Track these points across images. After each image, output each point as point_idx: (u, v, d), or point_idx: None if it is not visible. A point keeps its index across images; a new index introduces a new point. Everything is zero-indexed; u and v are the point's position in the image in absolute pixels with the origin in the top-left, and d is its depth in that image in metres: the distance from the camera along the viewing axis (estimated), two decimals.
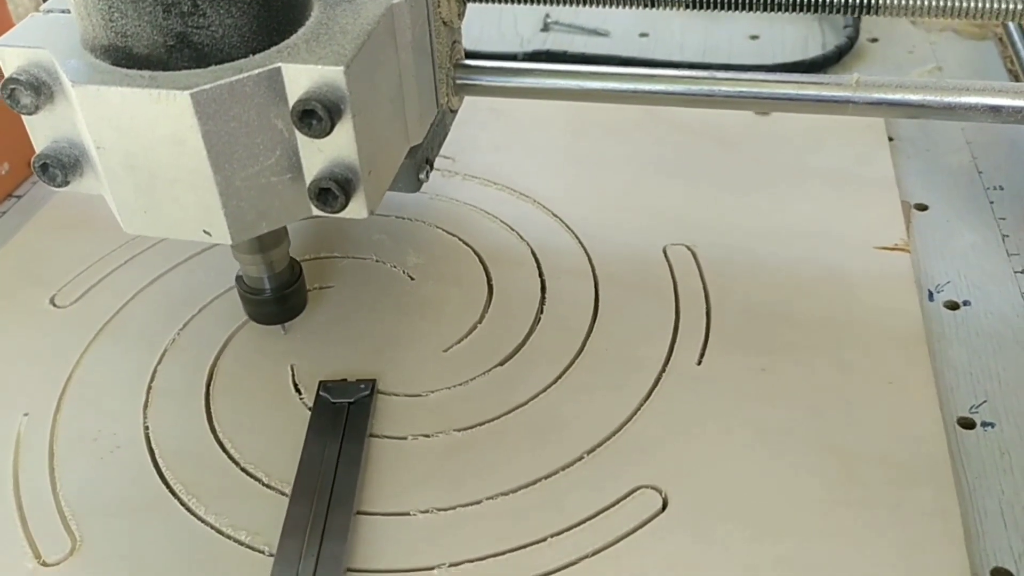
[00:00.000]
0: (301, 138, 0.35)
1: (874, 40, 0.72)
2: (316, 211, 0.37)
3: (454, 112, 0.48)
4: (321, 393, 0.42)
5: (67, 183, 0.37)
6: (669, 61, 0.68)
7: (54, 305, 0.49)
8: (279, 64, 0.34)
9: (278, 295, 0.45)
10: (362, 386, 0.42)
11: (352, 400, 0.42)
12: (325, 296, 0.49)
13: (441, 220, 0.53)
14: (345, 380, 0.43)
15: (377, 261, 0.51)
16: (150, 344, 0.46)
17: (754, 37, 0.73)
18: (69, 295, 0.50)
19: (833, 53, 0.67)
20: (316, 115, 0.33)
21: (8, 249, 0.54)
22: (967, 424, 0.42)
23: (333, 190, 0.35)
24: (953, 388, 0.43)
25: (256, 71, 0.33)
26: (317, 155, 0.35)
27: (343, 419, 0.41)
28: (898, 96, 0.43)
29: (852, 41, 0.69)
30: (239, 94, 0.33)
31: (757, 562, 0.35)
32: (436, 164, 0.47)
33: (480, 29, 0.75)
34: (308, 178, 0.36)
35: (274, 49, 0.35)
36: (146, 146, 0.34)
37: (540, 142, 0.60)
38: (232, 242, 0.37)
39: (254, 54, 0.34)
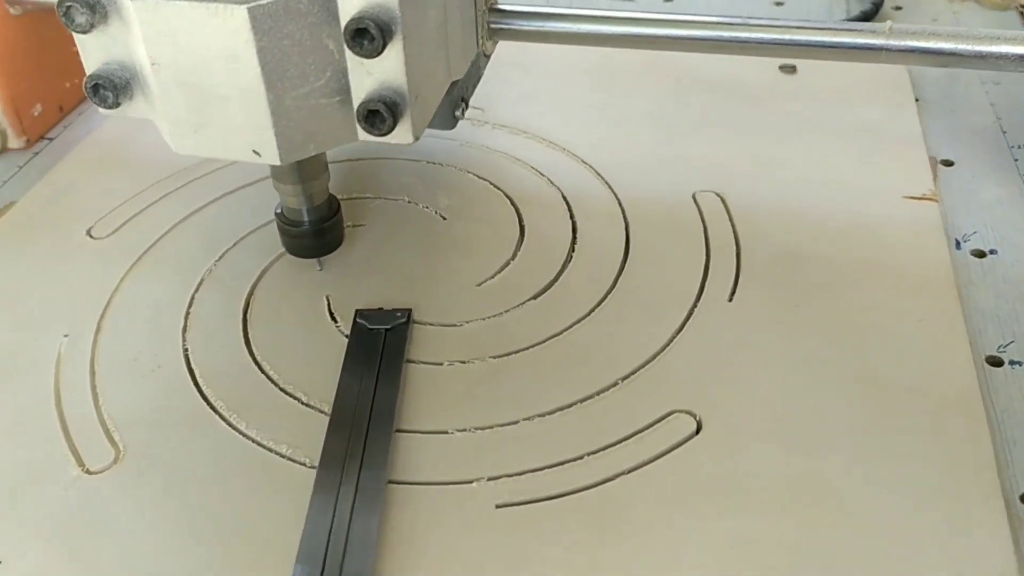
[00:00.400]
0: (351, 60, 0.35)
1: (898, 8, 0.73)
2: (363, 135, 0.37)
3: (487, 56, 0.49)
4: (358, 320, 0.43)
5: (117, 104, 0.37)
6: None
7: (91, 236, 0.50)
8: None
9: (316, 228, 0.45)
10: (398, 314, 0.43)
11: (389, 327, 0.42)
12: (358, 233, 0.49)
13: (472, 165, 0.54)
14: (381, 308, 0.43)
15: (409, 202, 0.51)
16: (187, 273, 0.47)
17: (779, 3, 0.74)
18: (105, 228, 0.50)
19: (859, 18, 0.67)
20: (369, 34, 0.34)
21: (42, 185, 0.54)
22: (995, 362, 0.42)
23: (382, 112, 0.36)
24: (981, 330, 0.44)
25: None
26: (366, 78, 0.36)
27: (380, 346, 0.41)
28: (931, 44, 0.43)
29: (877, 7, 0.69)
30: (294, 11, 0.34)
31: (792, 480, 0.36)
32: (467, 113, 0.48)
33: None
34: (356, 101, 0.36)
35: None
36: (201, 63, 0.35)
37: (568, 94, 0.60)
38: (281, 163, 0.37)
39: None
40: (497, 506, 0.36)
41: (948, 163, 0.55)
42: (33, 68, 0.58)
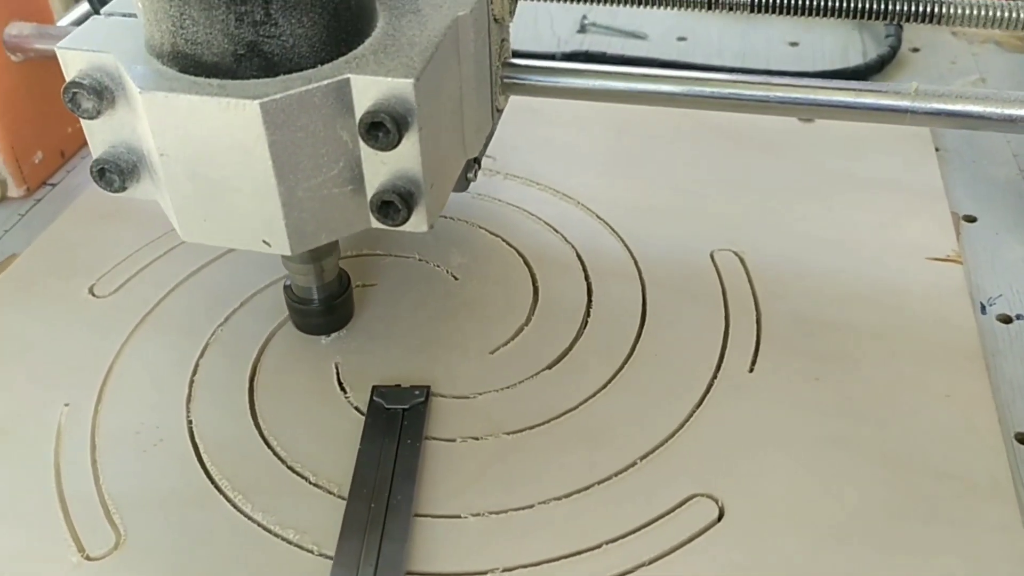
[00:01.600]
0: (365, 150, 0.35)
1: (915, 50, 0.71)
2: (376, 223, 0.36)
3: (500, 112, 0.47)
4: (375, 398, 0.41)
5: (124, 189, 0.37)
6: (709, 65, 0.68)
7: (93, 295, 0.48)
8: (348, 75, 0.33)
9: (326, 306, 0.44)
10: (416, 392, 0.41)
11: (407, 407, 0.41)
12: (368, 294, 0.48)
13: (483, 219, 0.53)
14: (399, 386, 0.42)
15: (420, 260, 0.50)
16: (191, 337, 0.45)
17: (793, 44, 0.72)
18: (108, 285, 0.49)
19: (876, 62, 0.66)
20: (384, 127, 0.33)
21: (45, 237, 0.53)
22: None
23: (396, 203, 0.35)
24: (1009, 403, 0.42)
25: (325, 82, 0.33)
26: (380, 167, 0.35)
27: (398, 424, 0.40)
28: (958, 107, 0.42)
29: (894, 50, 0.68)
30: (307, 104, 0.33)
31: (819, 573, 0.35)
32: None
33: (516, 29, 0.74)
34: (370, 191, 0.36)
35: (342, 60, 0.34)
36: (210, 154, 0.34)
37: (581, 143, 0.59)
38: (291, 253, 0.36)
39: (322, 64, 0.34)
40: None
41: (971, 219, 0.54)
42: (34, 115, 0.57)
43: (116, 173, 0.36)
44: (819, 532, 0.36)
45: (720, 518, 0.37)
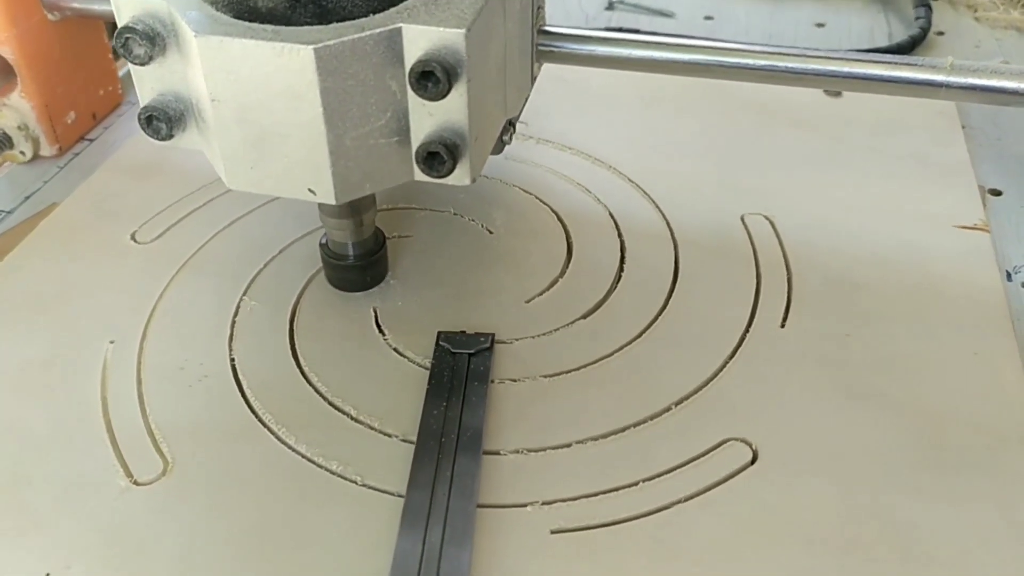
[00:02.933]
0: (412, 101, 0.35)
1: (940, 33, 0.72)
2: (420, 175, 0.37)
3: (534, 79, 0.48)
4: (441, 343, 0.42)
5: (171, 137, 0.37)
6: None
7: (135, 241, 0.49)
8: (400, 24, 0.33)
9: (361, 262, 0.45)
10: (482, 339, 0.42)
11: (472, 351, 0.41)
12: (404, 245, 0.49)
13: (517, 180, 0.54)
14: (464, 332, 0.43)
15: (455, 214, 0.51)
16: (232, 281, 0.46)
17: (820, 25, 0.73)
18: (149, 232, 0.50)
19: (907, 42, 0.67)
20: (435, 77, 0.33)
21: (85, 188, 0.54)
22: None
23: (442, 154, 0.35)
24: None
25: (377, 30, 0.33)
26: (427, 119, 0.35)
27: (464, 369, 0.41)
28: (993, 82, 0.43)
29: (925, 32, 0.69)
30: (360, 52, 0.33)
31: (850, 515, 0.35)
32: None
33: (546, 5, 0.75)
34: (415, 142, 0.36)
35: (393, 10, 0.35)
36: (262, 100, 0.34)
37: (612, 112, 0.60)
38: (336, 202, 0.37)
39: (374, 13, 0.34)
40: (552, 531, 0.35)
41: (996, 192, 0.54)
42: (69, 75, 0.58)
43: (164, 121, 0.36)
44: (852, 477, 0.37)
45: (754, 461, 0.38)
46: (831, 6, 0.74)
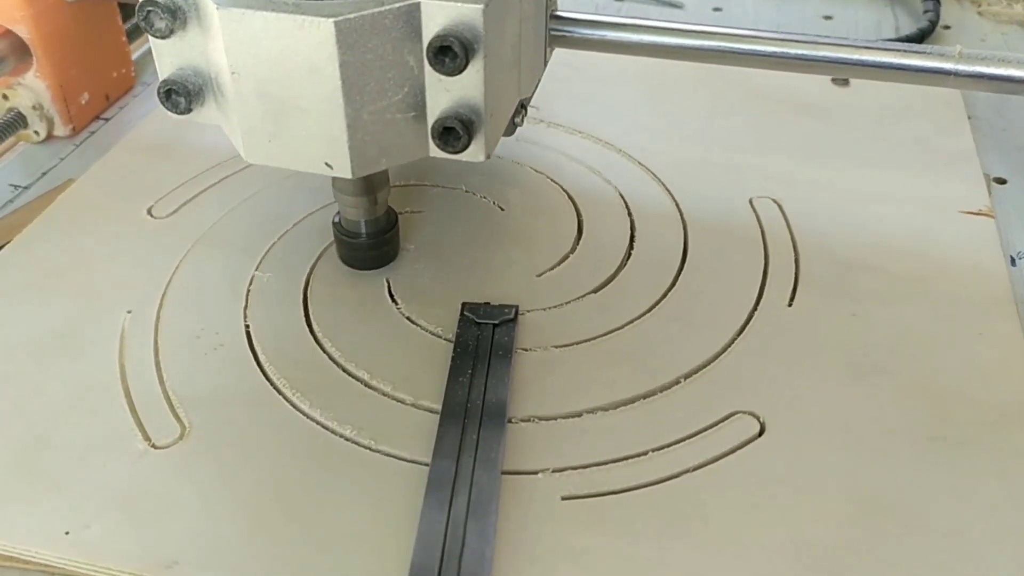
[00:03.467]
0: (429, 77, 0.35)
1: (947, 27, 0.73)
2: (435, 151, 0.37)
3: (545, 64, 0.48)
4: (465, 313, 0.43)
5: (189, 110, 0.37)
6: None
7: (151, 216, 0.50)
8: (419, 0, 0.34)
9: (373, 240, 0.45)
10: (506, 310, 0.43)
11: (497, 323, 0.42)
12: (416, 220, 0.49)
13: (528, 160, 0.54)
14: (488, 303, 0.44)
15: (467, 192, 0.52)
16: (247, 253, 0.47)
17: (827, 17, 0.74)
18: (165, 208, 0.50)
19: (916, 35, 0.68)
20: (452, 52, 0.34)
21: (101, 164, 0.54)
22: None
23: (457, 130, 0.35)
24: None
25: (397, 4, 0.34)
26: (443, 95, 0.36)
27: (489, 340, 0.41)
28: (1001, 71, 0.43)
29: (934, 25, 0.70)
30: (379, 26, 0.34)
31: (855, 487, 0.36)
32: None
33: None
34: (431, 118, 0.36)
35: None
36: (282, 73, 0.35)
37: (622, 97, 0.60)
38: (352, 176, 0.37)
39: None
40: (563, 498, 0.36)
41: (1001, 181, 0.55)
42: (83, 56, 0.58)
43: (183, 95, 0.37)
44: (858, 449, 0.38)
45: (761, 433, 0.38)
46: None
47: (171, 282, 0.45)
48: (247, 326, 0.43)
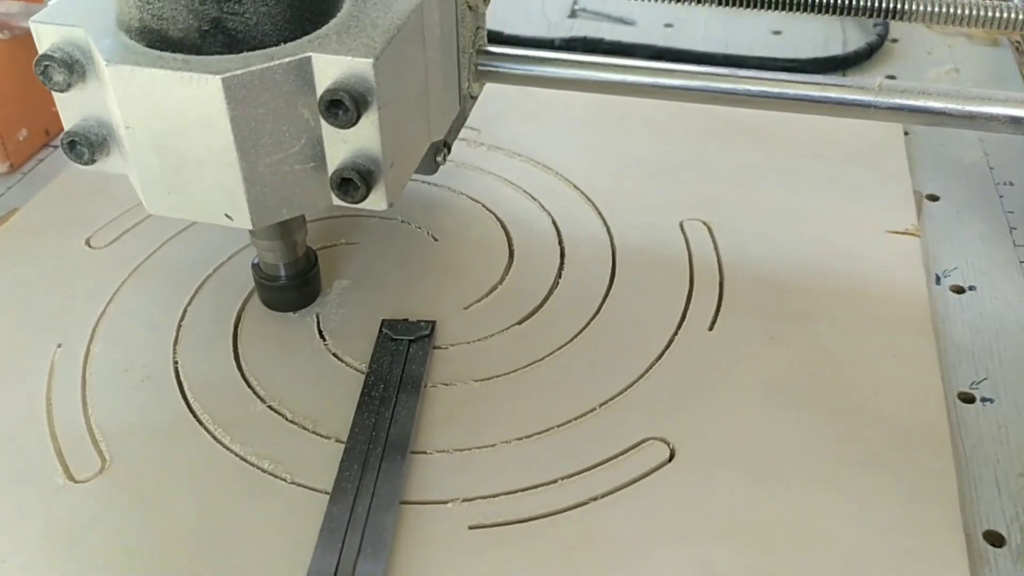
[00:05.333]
0: (326, 128, 0.35)
1: (895, 40, 0.73)
2: (336, 200, 0.37)
3: (474, 99, 0.48)
4: (384, 330, 0.44)
5: (93, 161, 0.37)
6: (694, 51, 0.70)
7: (89, 246, 0.51)
8: (309, 54, 0.34)
9: (293, 283, 0.45)
10: (423, 324, 0.44)
11: (413, 338, 0.44)
12: (352, 251, 0.50)
13: (466, 187, 0.55)
14: (407, 319, 0.45)
15: (403, 221, 0.52)
16: (181, 286, 0.48)
17: (776, 32, 0.75)
18: (104, 237, 0.51)
19: (864, 50, 0.69)
20: (343, 105, 0.34)
21: (46, 193, 0.55)
22: (967, 399, 0.43)
23: (355, 180, 0.35)
24: (955, 365, 0.45)
25: (286, 59, 0.34)
26: (341, 145, 0.36)
27: (403, 356, 0.43)
28: (920, 103, 0.43)
29: (882, 39, 0.70)
30: (269, 81, 0.34)
31: (759, 508, 0.37)
32: (462, 134, 0.48)
33: (508, 13, 0.77)
34: (331, 168, 0.36)
35: (305, 39, 0.35)
36: (175, 128, 0.35)
37: (563, 118, 0.61)
38: (252, 227, 0.37)
39: (285, 43, 0.35)
40: (470, 527, 0.36)
41: (934, 198, 0.56)
42: (20, 93, 0.58)
43: (86, 146, 0.37)
44: (763, 472, 0.38)
45: (671, 458, 0.39)
46: (787, 15, 0.76)
47: (104, 314, 0.46)
48: (176, 360, 0.44)
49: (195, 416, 0.41)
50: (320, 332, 0.45)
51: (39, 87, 0.59)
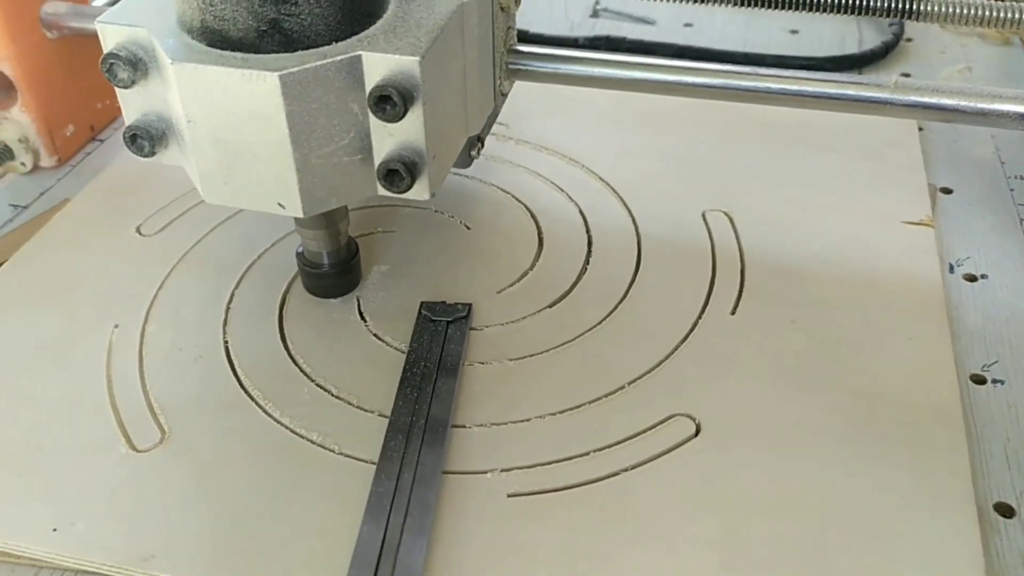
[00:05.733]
0: (374, 122, 0.37)
1: (909, 40, 0.75)
2: (382, 191, 0.39)
3: (504, 95, 0.50)
4: (423, 312, 0.46)
5: (153, 154, 0.40)
6: (712, 50, 0.72)
7: (140, 234, 0.53)
8: (360, 52, 0.36)
9: (335, 270, 0.48)
10: (460, 307, 0.46)
11: (451, 319, 0.46)
12: (388, 239, 0.53)
13: (496, 179, 0.57)
14: (444, 302, 0.47)
15: (436, 211, 0.55)
16: (228, 271, 0.50)
17: (793, 31, 0.77)
18: (153, 225, 0.54)
19: (880, 48, 0.71)
20: (391, 101, 0.36)
21: (95, 184, 0.58)
22: (979, 380, 0.45)
23: (401, 171, 0.38)
24: (968, 349, 0.47)
25: (338, 57, 0.36)
26: (387, 139, 0.38)
27: (442, 335, 0.45)
28: (934, 100, 0.45)
29: (898, 38, 0.73)
30: (322, 78, 0.36)
31: (781, 481, 0.39)
32: (492, 129, 0.51)
33: (532, 12, 0.79)
34: (377, 159, 0.38)
35: (355, 38, 0.37)
36: (233, 122, 0.37)
37: (588, 113, 0.63)
38: (303, 215, 0.39)
39: (336, 42, 0.37)
40: (508, 495, 0.39)
41: (947, 191, 0.58)
42: (66, 90, 0.61)
43: (146, 139, 0.39)
44: (785, 447, 0.41)
45: (697, 434, 0.41)
46: (804, 15, 0.77)
47: (156, 298, 0.49)
48: (226, 340, 0.46)
49: (246, 392, 0.44)
50: (361, 314, 0.48)
51: (85, 85, 0.63)
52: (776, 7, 0.53)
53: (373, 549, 0.36)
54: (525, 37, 0.73)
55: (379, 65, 0.36)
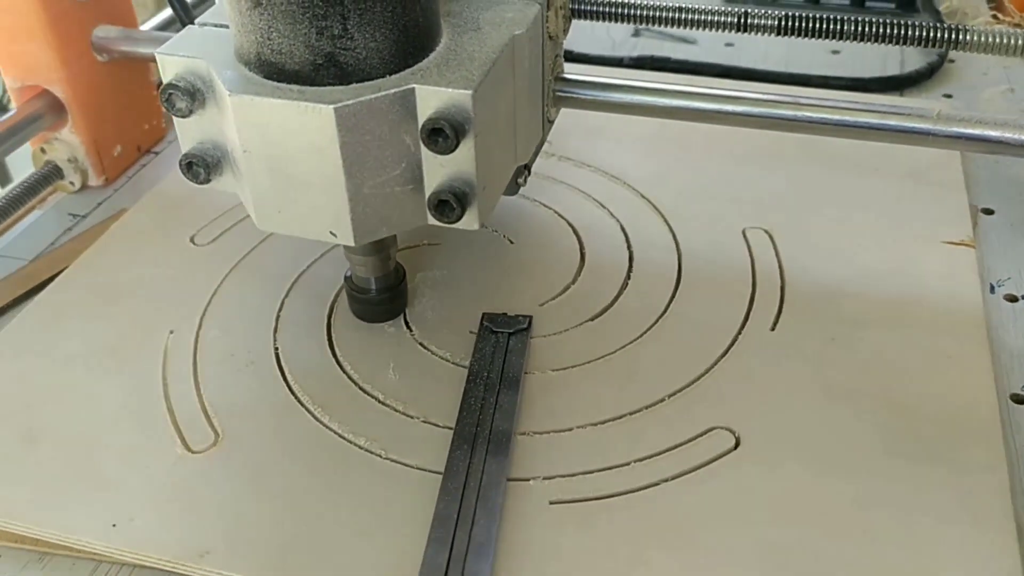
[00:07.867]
0: (425, 153, 0.38)
1: (951, 61, 0.76)
2: (432, 220, 0.40)
3: (551, 122, 0.51)
4: (484, 323, 0.48)
5: (208, 181, 0.41)
6: (764, 71, 0.72)
7: (194, 243, 0.55)
8: (413, 85, 0.37)
9: (382, 296, 0.48)
10: (520, 319, 0.48)
11: (512, 331, 0.47)
12: (434, 252, 0.54)
13: (539, 195, 0.58)
14: (505, 314, 0.48)
15: (481, 226, 0.56)
16: (278, 280, 0.52)
17: (835, 52, 0.77)
18: (207, 236, 0.56)
19: (926, 69, 0.72)
20: (444, 133, 0.37)
21: (151, 196, 0.60)
22: (1019, 400, 0.45)
23: (451, 202, 0.38)
24: (1008, 369, 0.47)
25: (392, 91, 0.37)
26: (438, 170, 0.39)
27: (504, 348, 0.46)
28: (977, 131, 0.45)
29: (942, 60, 0.73)
30: (375, 110, 0.37)
31: (820, 496, 0.40)
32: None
33: (574, 32, 0.80)
34: (428, 190, 0.39)
35: (408, 71, 0.38)
36: (288, 152, 0.38)
37: (629, 131, 0.64)
38: (355, 244, 0.40)
39: (390, 75, 0.38)
40: (551, 502, 0.40)
41: (988, 211, 0.58)
42: (115, 112, 0.63)
43: (202, 166, 0.40)
44: (824, 462, 0.41)
45: (736, 447, 0.42)
46: None
47: (209, 305, 0.50)
48: (276, 347, 0.48)
49: (296, 397, 0.45)
50: (407, 323, 0.49)
51: (133, 107, 0.65)
52: (821, 37, 0.53)
53: (442, 555, 0.37)
54: (569, 56, 0.74)
55: (432, 98, 0.37)
